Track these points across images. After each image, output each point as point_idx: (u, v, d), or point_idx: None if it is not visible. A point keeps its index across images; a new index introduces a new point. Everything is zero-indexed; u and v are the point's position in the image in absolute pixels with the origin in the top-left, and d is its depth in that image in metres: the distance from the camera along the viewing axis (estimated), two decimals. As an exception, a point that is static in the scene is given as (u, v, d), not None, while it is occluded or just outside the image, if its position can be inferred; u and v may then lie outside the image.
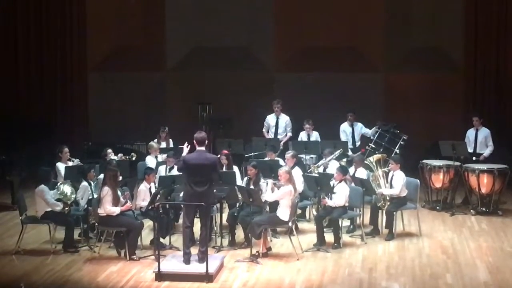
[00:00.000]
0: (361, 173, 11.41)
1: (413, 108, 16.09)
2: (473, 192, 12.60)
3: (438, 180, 12.67)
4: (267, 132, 14.25)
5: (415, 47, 16.22)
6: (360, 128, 13.90)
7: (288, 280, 9.13)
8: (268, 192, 10.18)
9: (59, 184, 10.53)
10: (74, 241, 10.38)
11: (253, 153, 13.10)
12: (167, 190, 10.39)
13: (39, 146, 14.95)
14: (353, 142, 13.78)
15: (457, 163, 12.63)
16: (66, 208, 10.30)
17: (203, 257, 9.17)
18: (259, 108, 14.95)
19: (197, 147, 9.48)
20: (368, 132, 13.82)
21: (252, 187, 10.43)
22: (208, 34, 16.65)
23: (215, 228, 10.76)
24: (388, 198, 11.00)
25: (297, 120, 14.16)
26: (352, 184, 11.00)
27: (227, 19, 16.60)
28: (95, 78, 17.06)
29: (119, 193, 10.06)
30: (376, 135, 13.52)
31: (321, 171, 11.82)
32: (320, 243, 10.38)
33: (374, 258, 10.03)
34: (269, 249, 10.16)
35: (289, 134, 14.12)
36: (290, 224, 10.10)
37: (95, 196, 10.48)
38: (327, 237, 10.51)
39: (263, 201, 10.22)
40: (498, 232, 11.36)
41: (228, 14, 16.63)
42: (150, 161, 12.52)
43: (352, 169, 11.54)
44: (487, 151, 13.11)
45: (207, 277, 8.98)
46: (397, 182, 10.99)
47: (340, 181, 10.59)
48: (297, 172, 11.03)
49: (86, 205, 10.63)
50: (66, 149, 11.65)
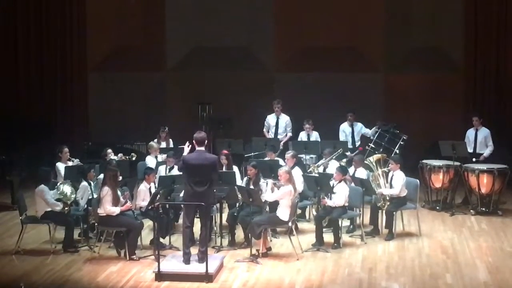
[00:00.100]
0: (361, 173, 11.40)
1: (413, 108, 16.08)
2: (473, 192, 12.59)
3: (438, 180, 12.66)
4: (268, 132, 14.26)
5: (415, 47, 16.21)
6: (360, 128, 13.90)
7: (288, 280, 9.13)
8: (268, 192, 10.17)
9: (59, 184, 10.53)
10: (74, 241, 10.38)
11: (253, 153, 13.10)
12: (167, 190, 10.38)
13: (39, 146, 14.94)
14: (353, 142, 13.77)
15: (457, 163, 12.62)
16: (66, 208, 10.30)
17: (203, 257, 9.16)
18: (259, 108, 14.94)
19: (197, 147, 9.48)
20: (368, 132, 13.82)
21: (252, 187, 10.42)
22: (208, 34, 16.64)
23: (215, 228, 10.75)
24: (388, 198, 10.99)
25: (297, 120, 14.16)
26: (352, 184, 10.99)
27: (227, 19, 16.58)
28: (95, 78, 17.05)
29: (119, 193, 10.06)
30: (376, 135, 13.52)
31: (321, 171, 11.83)
32: (319, 243, 10.38)
33: (374, 258, 10.02)
34: (269, 249, 10.15)
35: (289, 134, 14.12)
36: (290, 224, 10.10)
37: (95, 196, 10.48)
38: (327, 237, 10.51)
39: (263, 201, 10.21)
40: (498, 232, 11.35)
41: (228, 14, 16.62)
42: (150, 161, 12.52)
43: (352, 169, 11.54)
44: (487, 151, 13.10)
45: (207, 277, 8.97)
46: (397, 182, 10.98)
47: (340, 181, 10.58)
48: (297, 172, 11.03)
49: (86, 205, 10.62)
50: (66, 149, 11.65)
